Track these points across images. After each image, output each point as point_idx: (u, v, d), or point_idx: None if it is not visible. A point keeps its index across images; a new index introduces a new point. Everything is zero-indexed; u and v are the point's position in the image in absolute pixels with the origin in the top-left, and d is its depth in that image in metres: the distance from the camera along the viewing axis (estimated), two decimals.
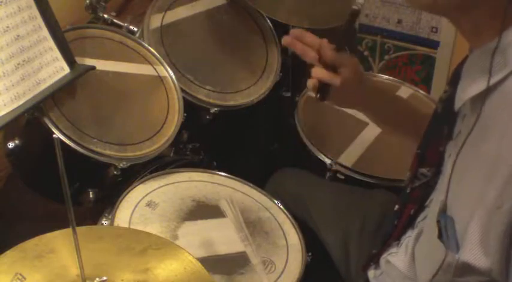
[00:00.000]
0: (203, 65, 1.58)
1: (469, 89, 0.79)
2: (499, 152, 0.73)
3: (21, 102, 1.13)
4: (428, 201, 0.94)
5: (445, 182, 0.83)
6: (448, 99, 0.88)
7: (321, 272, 1.24)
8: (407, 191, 0.99)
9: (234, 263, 1.14)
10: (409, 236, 0.97)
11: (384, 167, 1.43)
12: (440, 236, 0.81)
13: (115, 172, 1.30)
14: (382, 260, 1.04)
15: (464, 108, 0.82)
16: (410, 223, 0.99)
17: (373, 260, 1.07)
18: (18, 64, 1.14)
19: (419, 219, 0.97)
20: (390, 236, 1.03)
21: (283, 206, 1.29)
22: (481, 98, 0.76)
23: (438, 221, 0.82)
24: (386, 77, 1.77)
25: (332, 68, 1.05)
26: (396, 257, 0.99)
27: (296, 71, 1.84)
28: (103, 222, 1.29)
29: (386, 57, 2.34)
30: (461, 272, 0.80)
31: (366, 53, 2.37)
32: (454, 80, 0.86)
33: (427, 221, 0.91)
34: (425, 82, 2.29)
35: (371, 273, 1.08)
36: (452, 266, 0.80)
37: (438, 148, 0.90)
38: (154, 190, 1.27)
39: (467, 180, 0.77)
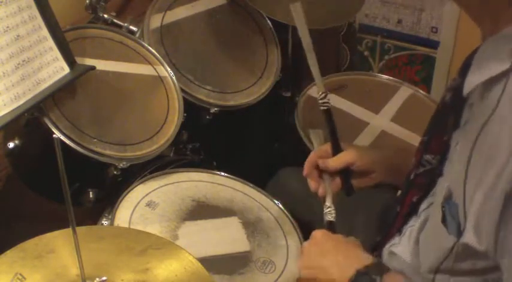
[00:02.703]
0: (203, 65, 1.58)
1: (480, 74, 0.78)
2: (499, 136, 0.72)
3: (21, 102, 1.13)
4: (433, 189, 0.94)
5: (452, 169, 0.83)
6: (457, 88, 0.87)
7: None
8: (411, 177, 0.99)
9: (234, 263, 1.14)
10: (412, 225, 0.96)
11: None
12: (444, 221, 0.81)
13: (115, 172, 1.30)
14: (384, 252, 1.04)
15: (472, 96, 0.82)
16: (412, 212, 0.98)
17: (377, 249, 1.06)
18: (18, 64, 1.14)
19: (423, 206, 0.96)
20: (393, 224, 1.02)
21: (283, 206, 1.29)
22: (494, 83, 0.75)
23: (443, 207, 0.82)
24: (386, 77, 1.77)
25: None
26: (399, 246, 0.99)
27: (296, 71, 1.84)
28: (103, 222, 1.29)
29: (386, 57, 2.34)
30: (462, 256, 0.80)
31: (366, 53, 2.37)
32: (464, 69, 0.86)
33: (432, 208, 0.90)
34: (425, 82, 2.29)
35: None
36: (454, 250, 0.80)
37: (442, 137, 0.89)
38: (154, 190, 1.27)
39: (471, 165, 0.77)
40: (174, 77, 1.45)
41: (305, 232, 1.24)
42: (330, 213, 1.07)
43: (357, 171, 1.14)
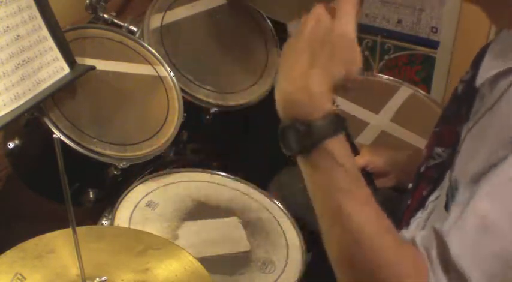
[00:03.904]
0: (203, 65, 1.58)
1: (492, 67, 0.78)
2: (487, 131, 0.73)
3: (21, 102, 1.13)
4: (442, 183, 0.94)
5: (461, 159, 0.83)
6: (469, 80, 0.88)
7: (321, 271, 1.24)
8: (422, 170, 0.99)
9: (234, 263, 1.14)
10: (420, 217, 0.96)
11: None
12: (446, 207, 0.82)
13: (115, 172, 1.30)
14: None
15: (483, 87, 0.82)
16: (421, 205, 0.98)
17: None
18: (18, 64, 1.14)
19: (431, 199, 0.96)
20: (402, 217, 1.02)
21: (283, 206, 1.29)
22: (503, 76, 0.75)
23: (447, 194, 0.82)
24: (387, 77, 1.77)
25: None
26: (407, 234, 0.99)
27: None
28: (103, 222, 1.29)
29: (386, 57, 2.33)
30: None
31: (366, 53, 2.37)
32: (477, 61, 0.86)
33: (439, 199, 0.90)
34: (425, 82, 2.29)
35: None
36: None
37: (455, 128, 0.89)
38: (154, 190, 1.27)
39: (472, 155, 0.77)
40: (174, 77, 1.45)
41: (305, 232, 1.24)
42: None
43: (375, 172, 1.15)
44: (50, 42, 1.22)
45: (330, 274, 1.24)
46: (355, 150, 1.16)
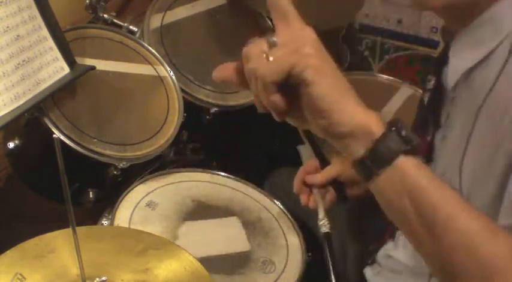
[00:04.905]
0: (203, 65, 1.57)
1: (461, 65, 0.80)
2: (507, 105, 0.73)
3: (21, 102, 1.13)
4: None
5: (442, 161, 0.84)
6: (435, 87, 0.88)
7: (321, 271, 1.24)
8: None
9: (234, 263, 1.14)
10: None
11: None
12: None
13: (115, 172, 1.30)
14: (379, 256, 1.04)
15: (453, 91, 0.83)
16: None
17: (370, 257, 1.07)
18: (18, 64, 1.14)
19: None
20: (386, 230, 1.02)
21: (283, 206, 1.30)
22: (476, 71, 0.77)
23: None
24: (386, 77, 1.77)
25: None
26: (396, 250, 0.99)
27: None
28: (103, 222, 1.29)
29: (386, 57, 2.34)
30: None
31: (366, 53, 2.37)
32: (439, 69, 0.87)
33: None
34: (425, 82, 2.29)
35: (368, 271, 1.07)
36: None
37: (426, 137, 0.90)
38: (154, 190, 1.27)
39: (471, 144, 0.77)
40: (174, 77, 1.45)
41: (305, 232, 1.24)
42: (324, 225, 1.05)
43: (347, 181, 1.14)
44: (50, 42, 1.22)
45: (329, 274, 1.24)
46: (325, 161, 1.14)
